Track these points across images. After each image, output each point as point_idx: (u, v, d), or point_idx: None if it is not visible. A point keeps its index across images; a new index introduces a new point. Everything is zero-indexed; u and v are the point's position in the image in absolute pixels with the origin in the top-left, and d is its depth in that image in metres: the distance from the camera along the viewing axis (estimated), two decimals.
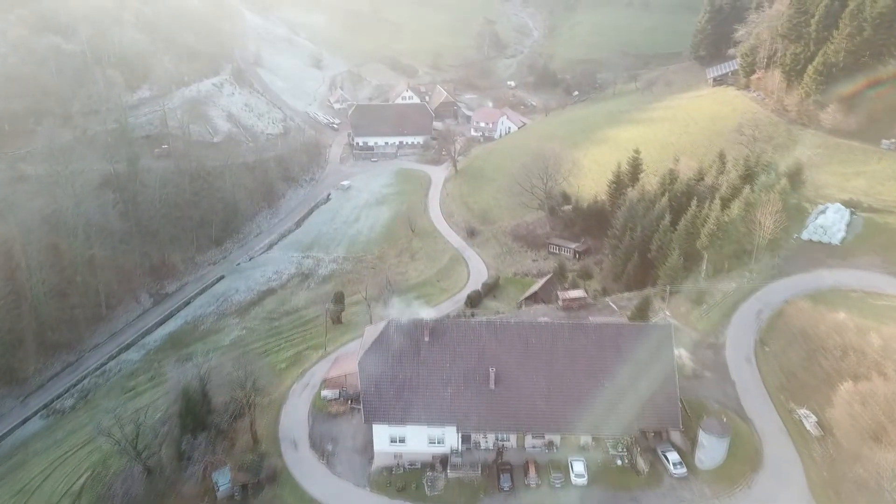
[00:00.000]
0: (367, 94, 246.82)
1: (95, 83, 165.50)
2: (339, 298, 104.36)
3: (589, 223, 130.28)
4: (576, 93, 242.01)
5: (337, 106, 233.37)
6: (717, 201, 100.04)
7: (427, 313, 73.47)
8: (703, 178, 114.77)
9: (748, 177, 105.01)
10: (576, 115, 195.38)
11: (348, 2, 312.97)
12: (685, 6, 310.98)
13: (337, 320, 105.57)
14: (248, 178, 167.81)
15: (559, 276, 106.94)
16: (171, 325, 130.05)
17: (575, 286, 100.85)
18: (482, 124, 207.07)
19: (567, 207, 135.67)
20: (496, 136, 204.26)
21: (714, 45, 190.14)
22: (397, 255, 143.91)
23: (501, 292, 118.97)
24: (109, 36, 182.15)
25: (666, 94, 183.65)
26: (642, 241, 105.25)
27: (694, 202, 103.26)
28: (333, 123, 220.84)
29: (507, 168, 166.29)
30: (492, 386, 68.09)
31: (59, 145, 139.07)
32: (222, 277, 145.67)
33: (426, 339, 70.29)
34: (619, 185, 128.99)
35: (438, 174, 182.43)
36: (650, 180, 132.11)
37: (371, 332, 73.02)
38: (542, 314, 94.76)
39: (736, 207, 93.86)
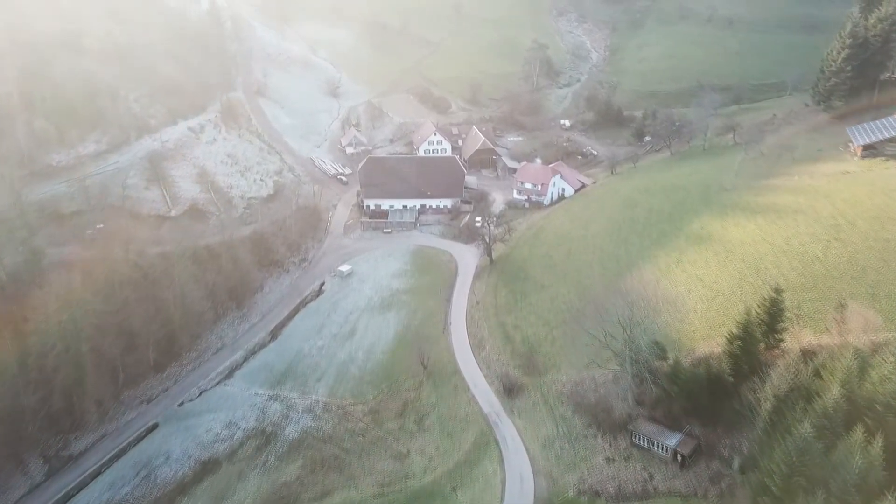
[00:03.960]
0: (386, 134, 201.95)
1: (14, 137, 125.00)
2: None
3: (697, 399, 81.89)
4: (647, 138, 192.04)
5: (349, 150, 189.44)
6: None
7: None
8: None
9: None
10: (655, 182, 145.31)
11: (376, 14, 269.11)
12: (781, 25, 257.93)
13: None
14: (210, 268, 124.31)
15: None
16: None
17: None
18: (528, 185, 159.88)
19: (662, 363, 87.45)
20: (545, 202, 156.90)
21: (855, 93, 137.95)
22: (399, 413, 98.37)
23: None
24: (52, 70, 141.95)
25: (787, 160, 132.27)
26: None
27: None
28: (342, 175, 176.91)
29: (562, 267, 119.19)
30: None
31: None
32: (156, 426, 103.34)
33: None
34: (748, 342, 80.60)
35: (468, 260, 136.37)
36: (799, 335, 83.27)
37: None
38: None
39: None
